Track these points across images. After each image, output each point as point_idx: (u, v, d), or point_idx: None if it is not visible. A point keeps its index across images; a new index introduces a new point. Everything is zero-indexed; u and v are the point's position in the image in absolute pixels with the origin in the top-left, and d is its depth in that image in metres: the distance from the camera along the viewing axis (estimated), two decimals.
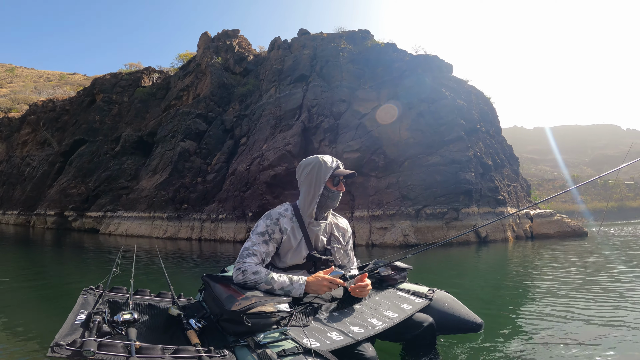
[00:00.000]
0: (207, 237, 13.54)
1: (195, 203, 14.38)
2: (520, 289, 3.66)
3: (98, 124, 21.68)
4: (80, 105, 24.59)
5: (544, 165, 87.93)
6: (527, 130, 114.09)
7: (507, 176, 13.48)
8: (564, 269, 5.14)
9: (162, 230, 14.30)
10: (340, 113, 13.41)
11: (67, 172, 20.38)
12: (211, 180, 14.74)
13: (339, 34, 17.45)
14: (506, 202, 12.08)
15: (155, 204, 14.93)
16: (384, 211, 11.00)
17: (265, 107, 15.59)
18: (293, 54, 17.14)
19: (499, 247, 9.32)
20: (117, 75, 25.37)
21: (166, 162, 16.11)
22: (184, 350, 1.15)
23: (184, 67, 22.57)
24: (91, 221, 17.20)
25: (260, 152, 13.28)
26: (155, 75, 25.77)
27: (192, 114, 17.24)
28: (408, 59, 14.48)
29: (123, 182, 17.46)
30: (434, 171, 11.12)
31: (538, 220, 12.66)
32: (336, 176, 1.65)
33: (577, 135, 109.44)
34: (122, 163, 18.53)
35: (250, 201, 12.54)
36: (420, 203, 10.89)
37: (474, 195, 11.02)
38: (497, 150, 13.65)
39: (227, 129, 16.88)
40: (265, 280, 1.46)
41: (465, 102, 13.19)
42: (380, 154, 11.77)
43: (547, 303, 2.99)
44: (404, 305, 1.62)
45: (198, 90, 19.60)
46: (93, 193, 18.06)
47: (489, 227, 10.93)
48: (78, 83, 50.47)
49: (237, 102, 17.93)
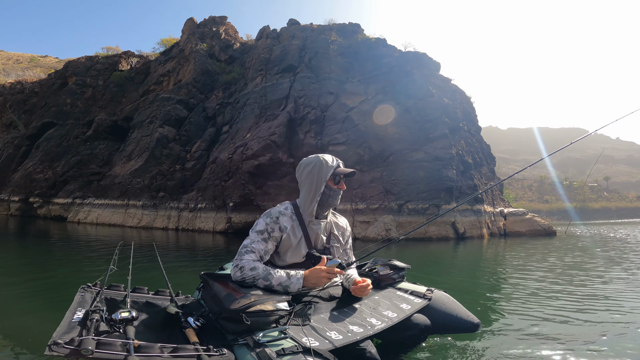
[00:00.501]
0: (184, 227, 13.01)
1: (173, 191, 13.79)
2: (510, 288, 3.69)
3: (69, 107, 20.43)
4: (50, 87, 23.10)
5: (515, 165, 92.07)
6: (501, 130, 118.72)
7: (484, 175, 13.78)
8: (546, 267, 5.21)
9: (137, 219, 13.62)
10: (328, 105, 13.23)
11: (33, 156, 19.08)
12: (190, 168, 14.18)
13: (329, 26, 17.23)
14: (483, 199, 12.33)
15: (130, 191, 14.20)
16: (368, 205, 10.93)
17: (251, 95, 15.17)
18: (282, 44, 16.77)
19: (476, 244, 9.52)
20: (93, 58, 24.02)
21: (143, 148, 15.36)
22: (183, 349, 1.14)
23: (166, 52, 21.64)
24: (58, 208, 16.16)
25: (244, 141, 12.88)
26: (135, 60, 24.59)
27: (172, 100, 16.53)
28: (398, 55, 14.48)
29: (94, 168, 16.52)
30: (418, 167, 11.16)
31: (511, 218, 13.04)
32: (337, 175, 1.66)
33: (547, 138, 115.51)
34: (93, 148, 17.52)
35: (231, 191, 12.13)
36: (403, 198, 10.90)
37: (454, 192, 11.16)
38: (477, 149, 13.93)
39: (209, 117, 16.31)
40: (263, 276, 1.45)
41: (450, 101, 13.35)
42: (366, 147, 11.69)
43: (539, 302, 3.02)
44: (403, 305, 1.62)
45: (180, 76, 18.83)
46: (61, 178, 16.98)
47: (466, 224, 11.13)
48: (49, 66, 47.64)
49: (221, 90, 17.37)
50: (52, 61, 55.86)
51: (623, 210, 64.31)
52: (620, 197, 73.20)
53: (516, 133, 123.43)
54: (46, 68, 44.33)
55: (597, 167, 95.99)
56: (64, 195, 16.27)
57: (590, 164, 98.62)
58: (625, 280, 4.08)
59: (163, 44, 25.39)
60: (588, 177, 16.42)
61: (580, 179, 75.39)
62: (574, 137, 62.21)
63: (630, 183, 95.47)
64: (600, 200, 66.87)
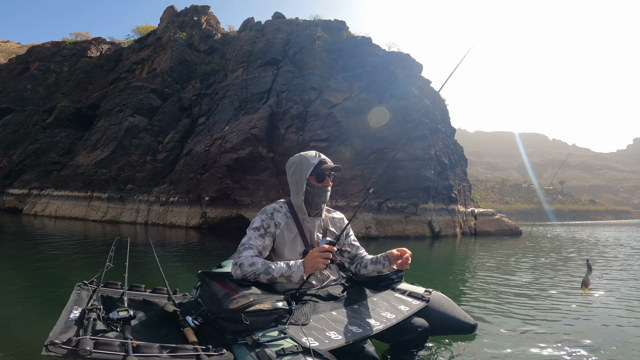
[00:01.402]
0: (154, 222, 12.27)
1: (142, 183, 12.99)
2: (497, 288, 3.69)
3: (29, 92, 18.83)
4: (10, 72, 21.24)
5: (479, 167, 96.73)
6: (468, 133, 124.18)
7: (458, 175, 14.17)
8: (526, 266, 5.34)
9: (101, 212, 12.69)
10: (311, 101, 13.04)
11: None
12: (162, 160, 13.44)
13: (315, 22, 17.12)
14: (457, 199, 12.65)
15: (94, 182, 13.21)
16: (348, 202, 10.83)
17: (230, 87, 14.67)
18: (265, 37, 16.41)
19: (450, 242, 9.72)
20: (60, 44, 22.38)
21: (110, 137, 14.37)
22: (182, 349, 1.12)
23: (141, 40, 20.54)
24: (13, 199, 14.76)
25: (222, 134, 12.38)
26: (105, 47, 23.17)
27: (145, 89, 15.64)
28: (382, 54, 14.60)
29: (54, 157, 15.26)
30: (398, 166, 11.23)
31: (481, 218, 13.49)
32: (320, 172, 1.61)
33: (509, 142, 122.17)
34: (54, 136, 16.20)
35: (207, 184, 11.60)
36: (382, 196, 10.91)
37: (431, 191, 11.34)
38: (452, 150, 14.29)
39: (184, 107, 15.60)
40: (263, 271, 1.44)
41: (430, 102, 13.61)
42: (348, 145, 11.61)
43: (530, 301, 3.05)
44: (401, 306, 1.62)
45: (155, 64, 17.91)
46: (17, 167, 15.53)
47: (442, 223, 11.35)
48: (10, 51, 44.10)
49: (198, 81, 16.69)
50: (14, 46, 51.91)
51: (575, 212, 69.16)
52: (573, 200, 78.80)
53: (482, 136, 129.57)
54: (7, 53, 41.03)
55: (553, 172, 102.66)
56: (19, 186, 14.89)
57: (547, 168, 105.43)
58: (611, 277, 4.20)
59: (139, 31, 24.12)
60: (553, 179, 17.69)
61: (538, 182, 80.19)
62: (532, 142, 67.75)
63: (582, 187, 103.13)
64: (555, 202, 71.56)
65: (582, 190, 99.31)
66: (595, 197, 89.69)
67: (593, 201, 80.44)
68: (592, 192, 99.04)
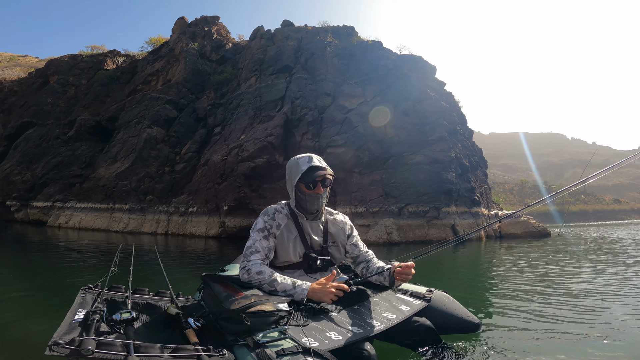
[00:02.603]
0: (174, 232, 12.39)
1: (162, 194, 13.15)
2: (511, 288, 3.67)
3: (50, 106, 19.42)
4: (30, 86, 21.97)
5: (496, 169, 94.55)
6: (483, 135, 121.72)
7: (479, 178, 13.83)
8: (548, 268, 5.17)
9: (123, 223, 12.89)
10: (325, 107, 12.98)
11: (10, 157, 17.96)
12: (180, 171, 13.59)
13: (324, 28, 17.13)
14: (480, 202, 12.32)
15: (115, 194, 13.46)
16: (367, 208, 10.68)
17: (244, 96, 14.76)
18: (276, 45, 16.50)
19: (475, 246, 9.52)
20: (77, 57, 23.06)
21: (129, 149, 14.64)
22: (183, 349, 1.13)
23: (155, 52, 20.96)
24: (37, 212, 15.17)
25: (239, 143, 12.43)
26: (121, 59, 23.75)
27: (161, 100, 15.91)
28: (394, 57, 14.46)
29: (76, 170, 15.63)
30: (418, 170, 11.02)
31: (506, 220, 13.09)
32: (310, 180, 1.57)
33: (527, 143, 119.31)
34: (75, 149, 16.62)
35: (225, 194, 11.64)
36: (403, 201, 10.71)
37: (453, 194, 11.08)
38: (472, 152, 13.97)
39: (200, 117, 15.78)
40: (268, 282, 1.44)
41: (447, 104, 13.37)
42: (365, 150, 11.47)
43: (541, 302, 3.03)
44: (402, 306, 1.61)
45: (169, 75, 18.22)
46: (40, 181, 15.99)
47: (465, 227, 11.07)
48: (29, 65, 45.76)
49: (212, 90, 16.88)
50: (32, 61, 53.74)
51: (600, 212, 66.79)
52: (597, 200, 76.12)
53: (497, 138, 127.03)
54: (26, 67, 42.51)
55: (574, 171, 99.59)
56: (43, 199, 15.31)
57: (567, 168, 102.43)
58: (628, 281, 4.01)
59: (152, 43, 24.66)
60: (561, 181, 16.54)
61: (559, 182, 77.98)
62: (551, 142, 65.75)
63: (606, 186, 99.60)
64: (578, 203, 69.27)
65: (606, 189, 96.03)
66: (620, 196, 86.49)
67: (618, 200, 77.56)
68: (616, 191, 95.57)
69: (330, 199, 11.39)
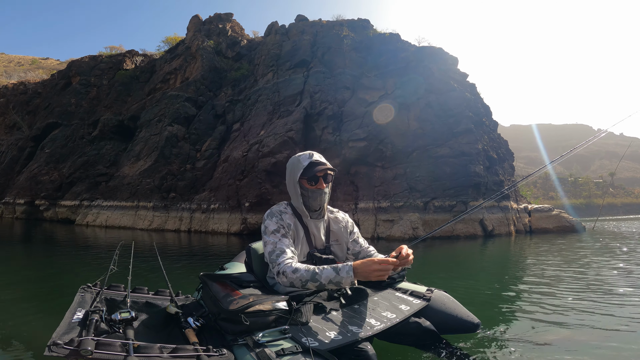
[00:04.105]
0: (197, 229, 12.51)
1: (184, 192, 13.30)
2: (519, 287, 3.64)
3: (74, 107, 19.97)
4: (54, 88, 22.65)
5: (518, 162, 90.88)
6: (504, 127, 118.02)
7: (506, 170, 13.32)
8: (566, 264, 4.96)
9: (147, 221, 13.13)
10: (345, 101, 12.74)
11: (38, 158, 18.62)
12: (201, 168, 13.69)
13: (339, 22, 16.83)
14: (509, 195, 11.85)
15: (139, 192, 13.71)
16: (391, 203, 10.44)
17: (262, 92, 14.68)
18: (291, 40, 16.32)
19: (505, 241, 9.18)
20: (97, 57, 23.57)
21: (151, 147, 14.86)
22: (182, 349, 1.13)
23: (172, 50, 21.16)
24: (65, 211, 15.67)
25: (259, 139, 12.39)
26: (139, 59, 24.11)
27: (181, 98, 16.05)
28: (413, 49, 14.04)
29: (101, 169, 16.03)
30: (443, 163, 10.67)
31: (537, 214, 12.55)
32: (311, 175, 1.58)
33: (550, 134, 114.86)
34: (100, 148, 17.04)
35: (247, 190, 11.64)
36: (428, 195, 10.41)
37: (481, 188, 10.69)
38: (498, 144, 13.45)
39: (219, 114, 15.83)
40: (310, 277, 1.37)
41: (471, 95, 12.89)
42: (388, 143, 11.20)
43: (545, 302, 2.98)
44: (402, 306, 1.60)
45: (187, 73, 18.35)
46: (67, 180, 16.49)
47: (494, 221, 10.68)
48: (51, 68, 47.32)
49: (230, 87, 16.89)
50: (54, 63, 55.60)
51: (629, 206, 63.63)
52: (625, 192, 72.53)
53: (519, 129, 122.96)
54: (48, 70, 43.99)
55: (601, 163, 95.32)
56: (70, 197, 15.79)
57: (594, 160, 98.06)
58: None
59: (168, 42, 24.90)
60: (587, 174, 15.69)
61: (586, 175, 74.79)
62: (577, 133, 62.76)
63: (635, 179, 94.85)
64: (606, 196, 66.19)
65: (635, 182, 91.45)
66: None
67: None
68: None
69: (352, 194, 11.23)
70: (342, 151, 11.51)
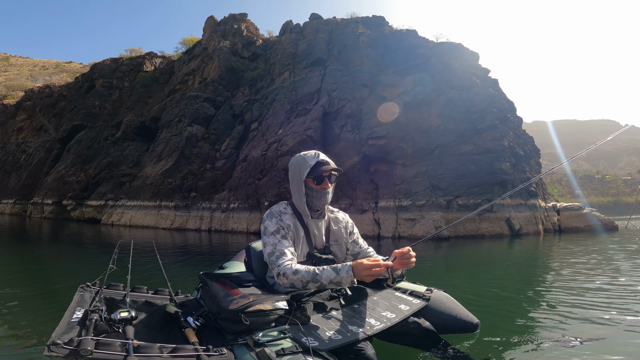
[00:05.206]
0: (217, 228, 12.67)
1: (204, 191, 13.49)
2: (526, 288, 3.61)
3: (97, 109, 20.62)
4: (78, 90, 23.46)
5: (542, 159, 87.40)
6: (526, 123, 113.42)
7: (533, 167, 12.82)
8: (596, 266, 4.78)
9: (169, 220, 13.41)
10: (363, 98, 12.58)
11: (65, 159, 19.34)
12: (220, 167, 13.85)
13: (354, 20, 16.64)
14: (537, 193, 11.40)
15: (162, 192, 14.01)
16: (413, 201, 10.23)
17: (279, 91, 14.70)
18: (307, 38, 16.25)
19: (533, 240, 8.86)
20: (118, 60, 24.25)
21: (172, 147, 15.16)
22: (182, 349, 1.12)
23: (189, 52, 21.52)
24: (91, 210, 16.22)
25: (277, 137, 12.41)
26: (158, 60, 24.66)
27: (199, 98, 16.29)
28: (431, 45, 13.71)
29: (125, 169, 16.49)
30: (467, 160, 10.36)
31: (566, 213, 12.04)
32: (318, 174, 1.58)
33: (575, 130, 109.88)
34: (123, 149, 17.53)
35: (266, 189, 11.69)
36: (452, 193, 10.14)
37: (508, 186, 10.31)
38: (524, 140, 12.96)
39: (236, 114, 15.97)
40: (311, 279, 1.38)
41: (495, 91, 12.46)
42: (409, 141, 10.97)
43: (551, 302, 2.95)
44: (402, 306, 1.60)
45: (205, 74, 18.61)
46: (93, 181, 17.07)
47: (522, 220, 10.31)
48: (74, 71, 49.09)
49: (247, 87, 17.01)
50: (77, 67, 57.66)
51: None
52: None
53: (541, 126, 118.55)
54: (72, 73, 45.67)
55: (629, 160, 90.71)
56: (96, 197, 16.33)
57: (621, 157, 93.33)
58: None
59: (185, 43, 25.38)
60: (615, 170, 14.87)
61: (613, 172, 71.36)
62: (602, 129, 59.59)
63: None
64: (635, 193, 62.91)
65: None
66: None
67: None
68: None
69: (372, 193, 11.07)
70: (361, 149, 11.36)
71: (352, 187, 11.21)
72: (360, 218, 10.37)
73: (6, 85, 43.75)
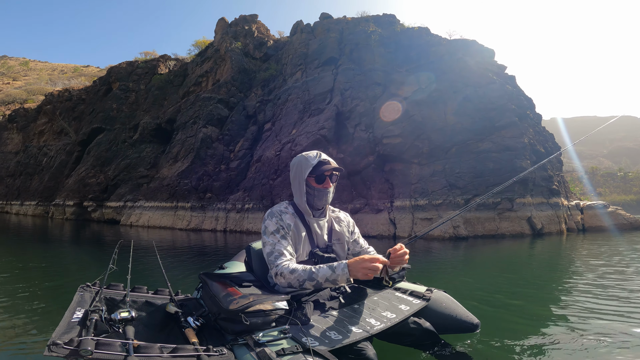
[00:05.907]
0: (232, 229, 12.81)
1: (220, 192, 13.66)
2: (538, 290, 3.53)
3: (115, 112, 21.14)
4: (96, 94, 24.11)
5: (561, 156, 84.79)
6: (544, 120, 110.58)
7: (554, 165, 12.45)
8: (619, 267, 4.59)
9: (186, 221, 13.63)
10: (376, 97, 12.47)
11: (85, 161, 19.93)
12: (235, 168, 13.99)
13: (364, 18, 16.53)
14: (559, 192, 11.07)
15: (178, 193, 14.27)
16: (429, 200, 10.08)
17: (292, 91, 14.72)
18: (318, 38, 16.22)
19: (554, 240, 8.60)
20: (133, 63, 24.79)
21: (188, 149, 15.41)
22: (183, 349, 1.12)
23: (202, 53, 21.81)
24: (111, 211, 16.66)
25: (291, 137, 12.44)
26: (172, 63, 25.10)
27: (213, 99, 16.49)
28: (445, 43, 13.47)
29: (142, 171, 16.86)
30: (486, 158, 10.14)
31: (590, 212, 11.65)
32: (320, 174, 1.60)
33: (595, 127, 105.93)
34: (140, 151, 17.93)
35: (280, 189, 11.74)
36: (470, 192, 9.94)
37: (529, 184, 10.05)
38: (545, 137, 12.60)
39: (250, 115, 16.09)
40: (308, 277, 1.39)
41: (513, 88, 12.14)
42: (425, 139, 10.81)
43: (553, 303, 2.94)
44: (402, 306, 1.60)
45: (218, 75, 18.82)
46: (112, 182, 17.53)
47: (544, 219, 10.02)
48: (92, 75, 50.45)
49: (259, 87, 17.11)
50: (94, 70, 59.29)
51: None
52: None
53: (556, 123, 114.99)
54: (89, 77, 46.96)
55: None
56: (115, 199, 16.76)
57: None
58: None
59: (197, 45, 25.70)
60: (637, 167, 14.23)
61: (636, 169, 68.61)
62: (623, 125, 57.25)
63: None
64: None
65: None
66: None
67: None
68: None
69: (387, 192, 10.97)
70: (376, 148, 11.27)
71: (366, 187, 11.14)
72: (376, 218, 10.29)
73: (26, 89, 45.42)
